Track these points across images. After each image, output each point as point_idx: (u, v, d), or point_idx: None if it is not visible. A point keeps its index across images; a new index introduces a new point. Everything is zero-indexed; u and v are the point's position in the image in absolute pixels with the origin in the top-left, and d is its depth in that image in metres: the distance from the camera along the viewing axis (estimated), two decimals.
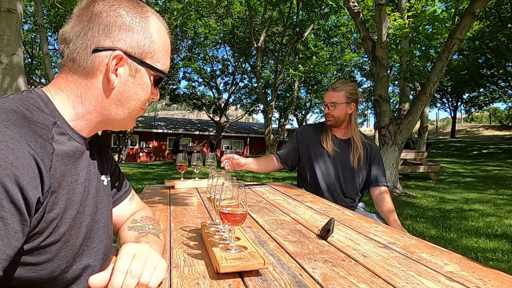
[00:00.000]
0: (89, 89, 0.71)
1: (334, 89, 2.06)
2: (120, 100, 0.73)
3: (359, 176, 2.07)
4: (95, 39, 0.69)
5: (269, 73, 19.29)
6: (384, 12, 5.91)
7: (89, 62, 0.69)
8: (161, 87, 0.82)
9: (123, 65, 0.71)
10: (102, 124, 0.75)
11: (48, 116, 0.65)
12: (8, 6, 3.39)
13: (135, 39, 0.71)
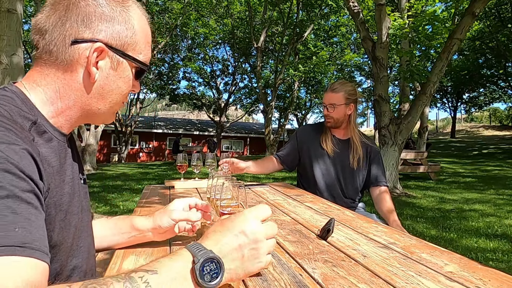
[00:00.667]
0: (68, 84, 0.66)
1: (333, 90, 2.05)
2: (101, 94, 0.69)
3: (359, 176, 2.07)
4: (74, 30, 0.64)
5: (269, 73, 19.29)
6: (384, 12, 5.92)
7: (68, 55, 0.65)
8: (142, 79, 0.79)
9: (104, 57, 0.67)
10: (82, 119, 0.72)
11: (27, 115, 0.61)
12: (8, 6, 3.39)
13: (116, 30, 0.67)
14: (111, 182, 8.35)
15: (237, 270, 0.58)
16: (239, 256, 0.58)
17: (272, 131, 15.23)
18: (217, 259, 0.55)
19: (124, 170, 11.81)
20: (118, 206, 5.26)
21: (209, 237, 0.59)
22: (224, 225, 0.61)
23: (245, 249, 0.58)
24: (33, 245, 0.45)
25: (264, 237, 0.60)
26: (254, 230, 0.59)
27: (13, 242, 0.43)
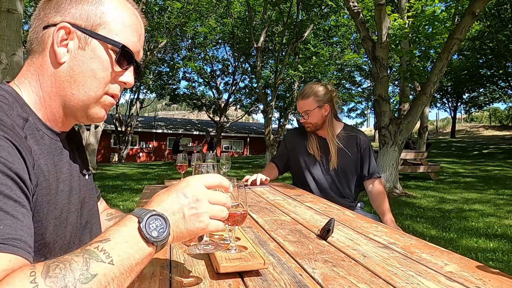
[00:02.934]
0: (43, 68, 0.67)
1: (303, 97, 2.04)
2: (72, 77, 0.67)
3: (352, 172, 2.07)
4: (47, 18, 0.67)
5: (269, 73, 19.28)
6: (384, 12, 5.92)
7: (40, 40, 0.67)
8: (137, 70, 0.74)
9: (73, 38, 0.66)
10: (66, 112, 0.70)
11: (19, 113, 0.62)
12: (8, 6, 3.39)
13: (85, 10, 0.67)
14: (111, 182, 8.35)
15: (181, 229, 0.58)
16: (181, 216, 0.58)
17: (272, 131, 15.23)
18: (161, 215, 0.55)
19: (124, 170, 11.81)
20: (118, 206, 5.26)
21: (153, 200, 0.60)
22: (168, 190, 0.61)
23: (185, 208, 0.59)
24: (15, 242, 0.46)
25: (206, 199, 0.60)
26: (194, 191, 0.60)
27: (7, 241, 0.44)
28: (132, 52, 0.71)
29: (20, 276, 0.43)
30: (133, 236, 0.53)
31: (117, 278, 0.49)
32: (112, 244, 0.50)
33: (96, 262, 0.47)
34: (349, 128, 2.13)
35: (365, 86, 26.08)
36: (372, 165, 2.07)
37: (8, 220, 0.46)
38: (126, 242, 0.52)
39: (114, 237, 0.52)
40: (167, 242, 0.56)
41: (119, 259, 0.49)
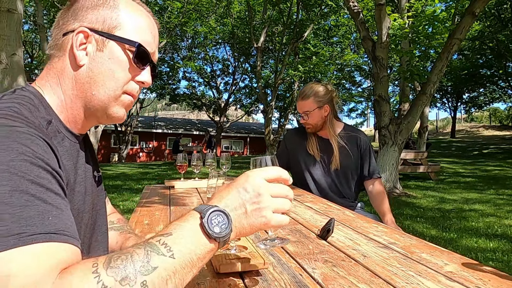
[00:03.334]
0: (64, 72, 0.70)
1: (303, 97, 2.04)
2: (91, 78, 0.70)
3: (352, 172, 2.07)
4: (65, 26, 0.70)
5: (269, 73, 19.29)
6: (384, 12, 5.92)
7: (60, 46, 0.70)
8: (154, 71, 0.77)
9: (91, 42, 0.69)
10: (87, 113, 0.72)
11: (43, 115, 0.64)
12: (8, 6, 3.39)
13: (101, 14, 0.70)
14: (111, 182, 8.35)
15: (243, 225, 0.59)
16: (243, 211, 0.58)
17: (272, 131, 15.23)
18: (223, 211, 0.56)
19: (124, 170, 11.81)
20: (118, 206, 5.26)
21: (214, 197, 0.61)
22: (228, 186, 0.62)
23: (247, 203, 0.59)
24: (65, 232, 0.48)
25: (267, 193, 0.60)
26: (255, 186, 0.60)
27: (48, 229, 0.46)
28: (148, 51, 0.73)
29: (83, 266, 0.45)
30: (195, 231, 0.54)
31: (178, 272, 0.49)
32: (173, 239, 0.51)
33: (157, 255, 0.48)
34: (349, 128, 2.13)
35: (365, 86, 26.09)
36: (372, 165, 2.07)
37: (54, 211, 0.48)
38: (188, 237, 0.53)
39: (176, 232, 0.53)
40: (229, 238, 0.56)
41: (180, 253, 0.50)
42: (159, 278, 0.47)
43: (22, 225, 0.44)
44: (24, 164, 0.49)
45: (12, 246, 0.43)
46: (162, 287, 0.47)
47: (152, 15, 0.78)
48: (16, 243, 0.43)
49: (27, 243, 0.44)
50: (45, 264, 0.43)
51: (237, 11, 17.36)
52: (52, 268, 0.43)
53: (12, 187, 0.46)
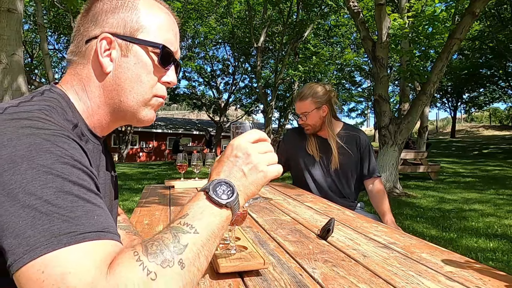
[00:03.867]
0: (89, 80, 0.69)
1: (301, 98, 2.04)
2: (119, 85, 0.69)
3: (352, 172, 2.07)
4: (86, 32, 0.69)
5: (269, 73, 19.29)
6: (384, 12, 5.91)
7: (84, 54, 0.69)
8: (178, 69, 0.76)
9: (115, 47, 0.68)
10: (115, 118, 0.73)
11: (70, 118, 0.64)
12: (8, 6, 3.39)
13: (121, 18, 0.69)
14: None
15: (246, 185, 0.64)
16: (241, 175, 0.63)
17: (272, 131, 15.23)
18: (224, 180, 0.61)
19: (124, 169, 11.80)
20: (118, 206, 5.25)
21: (211, 175, 0.66)
22: (219, 161, 0.67)
23: (242, 166, 0.64)
24: (110, 229, 0.51)
25: (255, 152, 0.65)
26: (243, 149, 0.65)
27: (96, 228, 0.48)
28: (171, 51, 0.73)
29: (126, 257, 0.47)
30: (206, 205, 0.58)
31: (205, 244, 0.54)
32: (191, 217, 0.56)
33: (183, 234, 0.53)
34: (348, 127, 2.13)
35: (365, 86, 26.09)
36: (372, 164, 2.07)
37: (98, 211, 0.51)
38: (202, 212, 0.57)
39: (191, 211, 0.57)
40: (239, 202, 0.61)
41: (201, 227, 0.55)
42: (192, 253, 0.51)
43: (71, 224, 0.46)
44: (65, 167, 0.51)
45: (65, 244, 0.44)
46: (196, 260, 0.52)
47: (171, 12, 0.77)
48: (69, 241, 0.45)
49: (79, 241, 0.46)
50: (97, 260, 0.45)
51: (237, 11, 17.35)
52: (103, 263, 0.46)
53: (57, 188, 0.48)
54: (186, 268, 0.50)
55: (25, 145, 0.50)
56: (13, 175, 0.47)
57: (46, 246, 0.44)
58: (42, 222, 0.45)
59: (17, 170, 0.48)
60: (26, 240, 0.44)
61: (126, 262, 0.46)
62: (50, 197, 0.47)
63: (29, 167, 0.48)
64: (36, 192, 0.47)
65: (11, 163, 0.48)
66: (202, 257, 0.53)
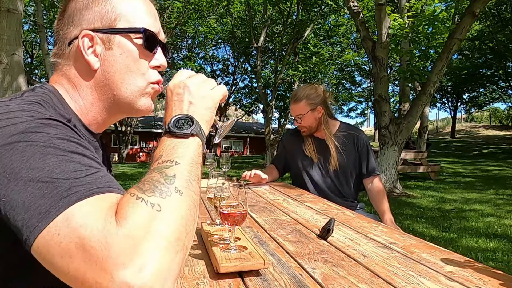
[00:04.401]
0: (79, 79, 0.69)
1: (295, 100, 2.03)
2: (109, 79, 0.69)
3: (351, 171, 2.06)
4: (66, 34, 0.69)
5: (269, 73, 19.29)
6: (384, 12, 5.91)
7: (69, 55, 0.69)
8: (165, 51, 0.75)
9: (97, 42, 0.67)
10: (112, 113, 0.72)
11: (62, 113, 0.63)
12: (8, 6, 3.39)
13: (96, 12, 0.68)
14: None
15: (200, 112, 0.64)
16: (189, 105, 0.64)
17: (272, 131, 15.23)
18: (179, 115, 0.62)
19: (124, 169, 11.80)
20: None
21: (164, 121, 0.65)
22: (165, 108, 0.67)
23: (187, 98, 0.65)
24: (115, 187, 0.52)
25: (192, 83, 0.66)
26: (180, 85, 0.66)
27: (102, 185, 0.50)
28: (154, 33, 0.72)
29: (126, 199, 0.48)
30: (175, 142, 0.59)
31: (191, 170, 0.56)
32: (166, 156, 0.56)
33: (167, 168, 0.54)
34: (346, 126, 2.11)
35: (365, 86, 26.08)
36: (371, 163, 2.06)
37: (101, 173, 0.52)
38: (174, 147, 0.58)
39: (164, 152, 0.57)
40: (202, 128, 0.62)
41: (180, 158, 0.56)
42: (182, 180, 0.53)
43: (77, 184, 0.47)
44: (62, 141, 0.52)
45: (75, 201, 0.45)
46: (189, 185, 0.53)
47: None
48: (78, 198, 0.46)
49: (87, 196, 0.47)
50: (104, 209, 0.46)
51: (237, 11, 17.35)
52: (110, 210, 0.47)
53: (58, 158, 0.49)
54: (184, 194, 0.51)
55: (19, 129, 0.50)
56: (12, 156, 0.48)
57: (57, 209, 0.45)
58: (50, 190, 0.46)
59: (15, 150, 0.48)
60: (38, 209, 0.45)
61: (129, 203, 0.47)
62: (53, 167, 0.48)
63: (27, 145, 0.49)
64: (38, 165, 0.47)
65: (7, 145, 0.49)
66: (193, 182, 0.54)
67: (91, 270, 0.42)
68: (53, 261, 0.44)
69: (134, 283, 0.42)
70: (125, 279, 0.42)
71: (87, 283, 0.43)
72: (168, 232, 0.46)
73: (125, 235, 0.44)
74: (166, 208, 0.48)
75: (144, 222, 0.45)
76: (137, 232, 0.44)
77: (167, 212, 0.48)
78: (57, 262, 0.44)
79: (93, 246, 0.43)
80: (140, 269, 0.43)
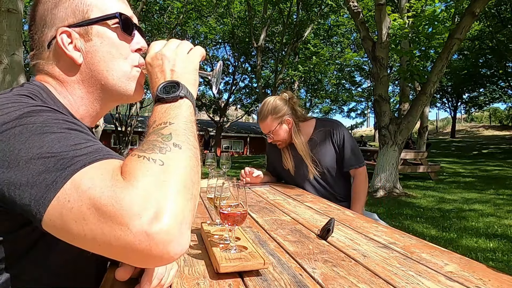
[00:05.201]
0: (65, 77, 0.69)
1: (261, 119, 1.98)
2: (95, 70, 0.69)
3: (335, 169, 1.99)
4: (42, 37, 0.69)
5: (269, 73, 19.29)
6: (384, 12, 5.91)
7: (51, 56, 0.69)
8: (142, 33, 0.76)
9: (76, 37, 0.68)
10: (103, 102, 0.73)
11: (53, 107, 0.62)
12: (8, 6, 3.39)
13: (66, 7, 0.69)
14: None
15: (184, 77, 0.65)
16: (171, 71, 0.65)
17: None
18: (164, 82, 0.63)
19: None
20: None
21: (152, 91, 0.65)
22: (149, 79, 0.68)
23: (167, 65, 0.65)
24: (115, 155, 0.53)
25: (168, 49, 0.67)
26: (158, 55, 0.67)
27: (103, 153, 0.51)
28: (129, 16, 0.73)
29: (129, 160, 0.50)
30: (166, 106, 0.60)
31: (186, 127, 0.57)
32: (159, 120, 0.58)
33: (162, 129, 0.55)
34: (321, 123, 2.04)
35: (365, 86, 26.08)
36: (349, 156, 1.96)
37: (100, 145, 0.53)
38: (166, 111, 0.59)
39: (156, 117, 0.59)
40: (189, 90, 0.64)
41: (174, 119, 0.57)
42: (180, 136, 0.54)
43: (79, 153, 0.48)
44: (58, 121, 0.53)
45: (80, 167, 0.46)
46: (187, 139, 0.55)
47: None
48: (83, 164, 0.47)
49: (91, 161, 0.48)
50: (109, 170, 0.47)
51: (237, 11, 17.35)
52: (115, 171, 0.48)
53: (56, 135, 0.50)
54: (183, 147, 0.53)
55: (13, 116, 0.51)
56: (9, 140, 0.48)
57: (64, 177, 0.45)
58: (53, 163, 0.46)
59: (12, 134, 0.49)
60: (44, 182, 0.45)
61: (133, 162, 0.48)
62: (52, 143, 0.48)
63: (23, 128, 0.49)
64: (37, 144, 0.48)
65: (3, 132, 0.49)
66: (190, 137, 0.56)
67: (107, 227, 0.43)
68: (68, 228, 0.44)
69: (151, 231, 0.43)
70: (142, 228, 0.42)
71: (106, 241, 0.43)
72: (175, 182, 0.48)
73: (135, 188, 0.45)
74: (169, 161, 0.49)
75: (151, 175, 0.47)
76: (145, 185, 0.45)
77: (170, 164, 0.49)
78: (72, 228, 0.44)
79: (104, 203, 0.43)
80: (155, 216, 0.43)
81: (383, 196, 6.18)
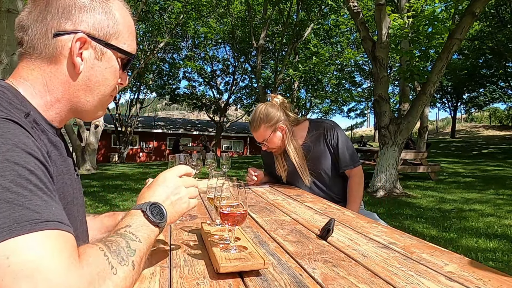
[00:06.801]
0: (55, 76, 0.67)
1: (254, 128, 1.93)
2: (88, 86, 0.70)
3: (332, 171, 1.96)
4: (55, 23, 0.65)
5: (269, 73, 19.29)
6: (384, 12, 5.91)
7: (51, 47, 0.66)
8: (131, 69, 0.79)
9: (88, 48, 0.67)
10: (72, 113, 0.73)
11: (19, 107, 0.60)
12: (8, 6, 3.39)
13: (97, 20, 0.68)
14: (111, 182, 8.35)
15: (172, 212, 0.75)
16: (169, 202, 0.75)
17: None
18: (157, 204, 0.72)
19: (124, 170, 11.80)
20: (118, 206, 5.26)
21: (143, 197, 0.75)
22: (151, 186, 0.78)
23: (171, 196, 0.76)
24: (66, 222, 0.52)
25: (182, 185, 0.78)
26: (173, 182, 0.78)
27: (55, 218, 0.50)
28: (134, 56, 0.77)
29: (94, 250, 0.55)
30: (144, 222, 0.68)
31: (146, 252, 0.65)
32: (134, 228, 0.65)
33: (131, 241, 0.62)
34: (314, 125, 2.00)
35: (365, 86, 26.07)
36: (344, 157, 1.92)
37: (53, 203, 0.52)
38: (142, 226, 0.67)
39: (133, 224, 0.66)
40: (166, 224, 0.72)
41: (143, 238, 0.65)
42: (139, 257, 0.61)
43: (32, 212, 0.47)
44: (21, 154, 0.51)
45: (28, 230, 0.46)
46: (141, 263, 0.62)
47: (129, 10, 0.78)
48: (32, 228, 0.46)
49: (41, 228, 0.47)
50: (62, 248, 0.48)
51: (237, 11, 17.36)
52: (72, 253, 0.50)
53: (16, 176, 0.48)
54: (136, 269, 0.59)
55: None
56: None
57: (9, 232, 0.44)
58: (4, 209, 0.45)
59: None
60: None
61: (95, 255, 0.53)
62: (9, 185, 0.47)
63: None
64: None
65: None
66: (143, 261, 0.63)
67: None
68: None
69: None
70: None
71: None
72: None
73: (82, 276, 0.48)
74: (120, 274, 0.55)
75: (100, 274, 0.51)
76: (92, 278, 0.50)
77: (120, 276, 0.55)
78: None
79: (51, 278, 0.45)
80: None
81: (383, 196, 6.19)
